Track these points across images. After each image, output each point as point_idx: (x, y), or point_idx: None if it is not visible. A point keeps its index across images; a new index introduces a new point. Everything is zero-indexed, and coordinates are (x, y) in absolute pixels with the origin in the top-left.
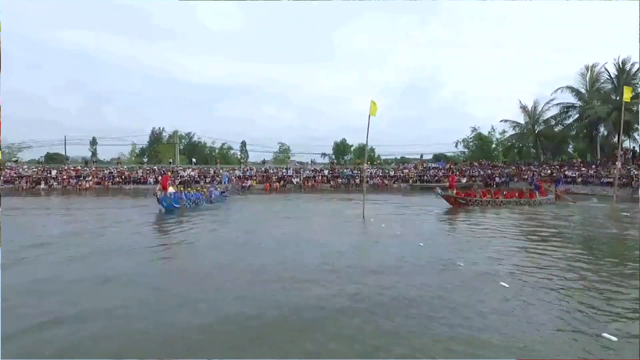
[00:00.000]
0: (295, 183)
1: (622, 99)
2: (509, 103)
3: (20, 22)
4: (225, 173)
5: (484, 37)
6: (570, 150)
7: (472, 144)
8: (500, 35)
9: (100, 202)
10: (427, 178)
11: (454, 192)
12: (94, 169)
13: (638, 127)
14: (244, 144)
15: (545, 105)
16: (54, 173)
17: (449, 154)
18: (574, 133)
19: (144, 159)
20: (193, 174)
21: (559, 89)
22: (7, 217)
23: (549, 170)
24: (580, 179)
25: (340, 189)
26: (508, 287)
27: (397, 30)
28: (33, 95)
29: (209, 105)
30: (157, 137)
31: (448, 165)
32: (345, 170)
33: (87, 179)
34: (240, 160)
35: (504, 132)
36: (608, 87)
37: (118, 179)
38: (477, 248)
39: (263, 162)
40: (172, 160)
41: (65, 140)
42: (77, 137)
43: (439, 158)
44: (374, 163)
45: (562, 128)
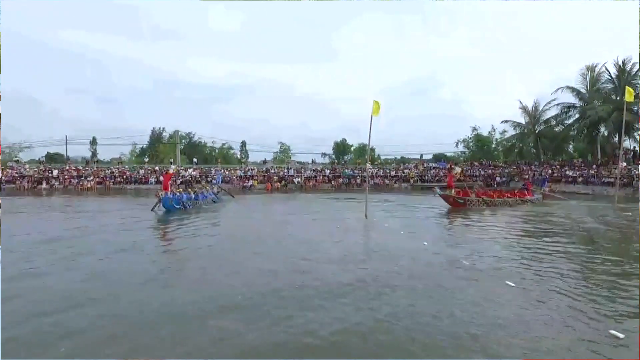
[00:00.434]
0: (297, 183)
1: (622, 99)
2: (509, 103)
3: (21, 22)
4: (218, 172)
5: (484, 37)
6: (571, 151)
7: (472, 144)
8: (501, 35)
9: (105, 202)
10: (428, 178)
11: (452, 191)
12: (96, 169)
13: (639, 127)
14: (244, 144)
15: (546, 106)
16: (56, 173)
17: (449, 154)
18: (575, 133)
19: (145, 159)
20: (195, 174)
21: (560, 89)
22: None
23: (550, 170)
24: (581, 179)
25: (341, 189)
26: (514, 286)
27: (397, 30)
28: (33, 96)
29: (209, 105)
30: (157, 137)
31: (449, 165)
32: (347, 170)
33: (88, 179)
34: (241, 161)
35: (504, 132)
36: (609, 87)
37: (119, 179)
38: (479, 247)
39: (264, 162)
40: (172, 160)
41: (67, 140)
42: (76, 137)
43: (439, 158)
44: (374, 163)
45: (562, 128)
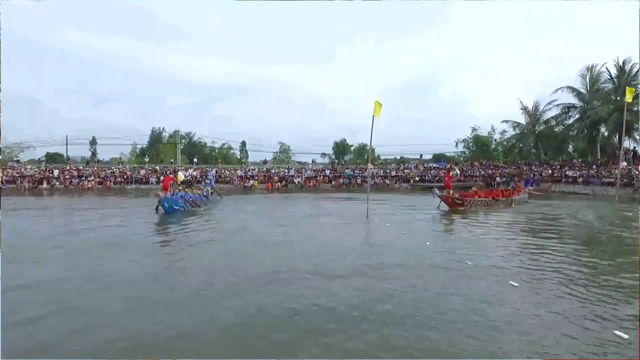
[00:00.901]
0: (297, 183)
1: (623, 100)
2: (509, 103)
3: (21, 22)
4: (211, 172)
5: (485, 37)
6: (570, 151)
7: (471, 145)
8: (501, 35)
9: (107, 202)
10: (428, 178)
11: (451, 192)
12: (96, 169)
13: (639, 127)
14: (244, 144)
15: (546, 106)
16: (56, 173)
17: (449, 154)
18: (575, 133)
19: (146, 159)
20: (195, 174)
21: (559, 89)
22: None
23: (550, 171)
24: (581, 179)
25: (342, 189)
26: (517, 285)
27: (397, 30)
28: (33, 96)
29: (209, 106)
30: (157, 137)
31: (448, 165)
32: (347, 170)
33: (89, 179)
34: (242, 161)
35: (504, 132)
36: (608, 87)
37: (120, 179)
38: (480, 246)
39: (264, 162)
40: (173, 160)
41: (72, 141)
42: (76, 137)
43: (439, 158)
44: (374, 163)
45: (562, 128)
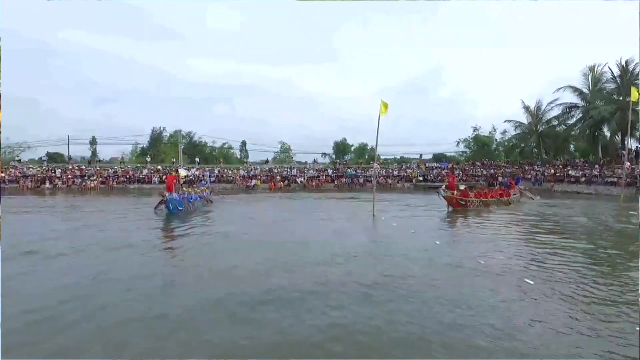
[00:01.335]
0: (300, 183)
1: (626, 99)
2: (510, 103)
3: (21, 22)
4: (206, 172)
5: (485, 37)
6: (572, 150)
7: (472, 144)
8: (501, 35)
9: (112, 202)
10: (430, 178)
11: (454, 192)
12: (98, 169)
13: None
14: (244, 144)
15: (548, 105)
16: (59, 172)
17: (449, 154)
18: (577, 133)
19: (147, 159)
20: (197, 174)
21: (561, 89)
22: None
23: (552, 170)
24: (584, 179)
25: (344, 188)
26: (532, 283)
27: (397, 30)
28: (33, 96)
29: (209, 105)
30: (157, 136)
31: (450, 165)
32: (349, 170)
33: (91, 179)
34: (244, 160)
35: (505, 132)
36: (611, 87)
37: (123, 179)
38: (489, 245)
39: (266, 161)
40: (175, 160)
41: (69, 140)
42: (76, 136)
43: (439, 158)
44: (370, 163)
45: (564, 128)
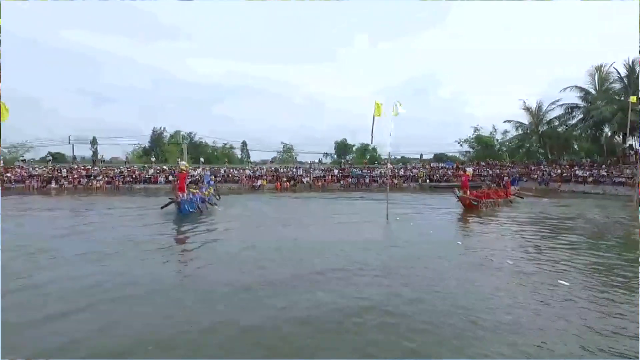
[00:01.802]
0: (306, 182)
1: (627, 99)
2: (510, 103)
3: (21, 22)
4: (207, 172)
5: (486, 37)
6: (577, 150)
7: (474, 144)
8: (502, 36)
9: (122, 202)
10: (436, 178)
11: (467, 192)
12: (104, 168)
13: None
14: (245, 144)
15: (549, 106)
16: (64, 172)
17: (449, 154)
18: (578, 133)
19: (152, 159)
20: (203, 173)
21: (567, 88)
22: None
23: (559, 170)
24: (591, 179)
25: (350, 188)
26: (568, 284)
27: (397, 30)
28: (33, 95)
29: (209, 105)
30: (158, 136)
31: (455, 165)
32: (355, 170)
33: (97, 179)
34: (249, 161)
35: (506, 132)
36: (617, 87)
37: (129, 179)
38: (512, 245)
39: (271, 161)
40: (179, 160)
41: (73, 140)
42: (76, 136)
43: (440, 158)
44: (374, 163)
45: (566, 128)
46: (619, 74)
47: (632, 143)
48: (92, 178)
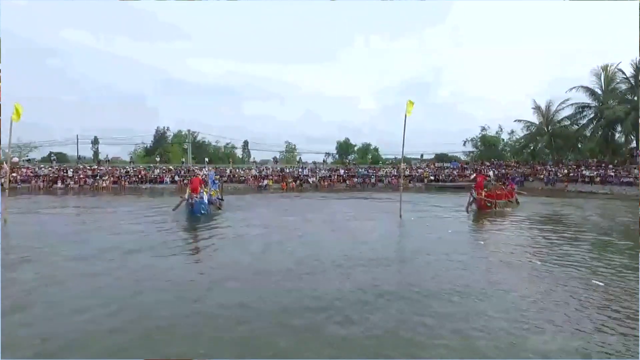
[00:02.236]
0: (312, 183)
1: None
2: (511, 103)
3: (21, 22)
4: (211, 172)
5: (487, 37)
6: (582, 150)
7: (479, 144)
8: (503, 36)
9: (130, 202)
10: (442, 178)
11: (483, 194)
12: (110, 168)
13: None
14: (246, 144)
15: (559, 105)
16: (70, 172)
17: (450, 154)
18: (590, 133)
19: (157, 159)
20: (210, 174)
21: (573, 88)
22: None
23: (566, 170)
24: (599, 179)
25: (356, 188)
26: (603, 285)
27: (398, 30)
28: (32, 95)
29: (210, 105)
30: (161, 136)
31: (460, 165)
32: (361, 170)
33: (103, 178)
34: (255, 161)
35: (512, 132)
36: (623, 87)
37: (135, 179)
38: (536, 245)
39: (275, 161)
40: (184, 160)
41: (74, 140)
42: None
43: (441, 158)
44: (379, 162)
45: (577, 128)
46: (625, 75)
47: (634, 142)
48: (98, 178)
